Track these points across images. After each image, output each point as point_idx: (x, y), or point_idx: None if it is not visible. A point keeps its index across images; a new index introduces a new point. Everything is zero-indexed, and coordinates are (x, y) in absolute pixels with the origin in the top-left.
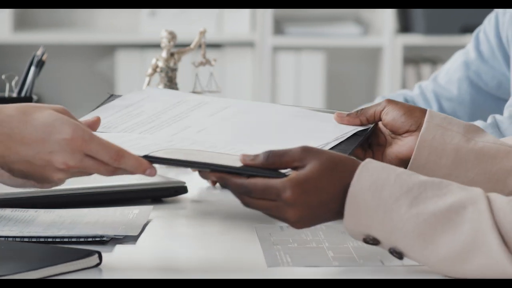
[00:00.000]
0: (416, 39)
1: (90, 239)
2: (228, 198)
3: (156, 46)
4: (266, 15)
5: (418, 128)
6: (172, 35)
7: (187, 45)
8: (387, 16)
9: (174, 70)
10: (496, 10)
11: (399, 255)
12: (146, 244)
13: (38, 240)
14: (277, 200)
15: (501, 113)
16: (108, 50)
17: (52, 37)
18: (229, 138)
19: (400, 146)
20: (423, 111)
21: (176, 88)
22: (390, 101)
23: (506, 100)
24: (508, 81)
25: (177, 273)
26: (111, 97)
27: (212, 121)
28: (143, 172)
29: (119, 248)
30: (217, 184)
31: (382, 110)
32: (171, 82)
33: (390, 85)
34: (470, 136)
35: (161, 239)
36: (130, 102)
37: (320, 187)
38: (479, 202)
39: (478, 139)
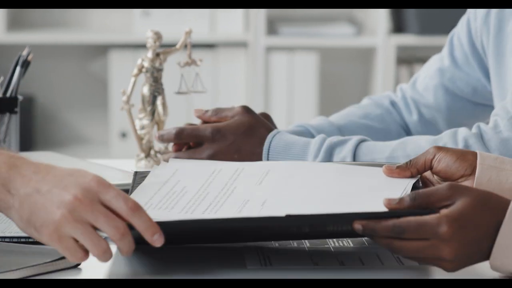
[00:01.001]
0: (409, 40)
1: None
2: None
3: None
4: (259, 15)
5: (473, 172)
6: (158, 35)
7: None
8: (380, 17)
9: (159, 70)
10: (468, 13)
11: None
12: None
13: (19, 241)
14: (432, 238)
15: (478, 117)
16: (101, 50)
17: (45, 37)
18: (300, 208)
19: None
20: (475, 154)
21: (162, 89)
22: (440, 148)
23: (482, 105)
24: (483, 87)
25: (157, 274)
26: (137, 174)
27: (266, 191)
28: (151, 235)
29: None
30: None
31: (433, 158)
32: (156, 83)
33: (383, 86)
34: None
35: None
36: (164, 178)
37: (476, 223)
38: None
39: None
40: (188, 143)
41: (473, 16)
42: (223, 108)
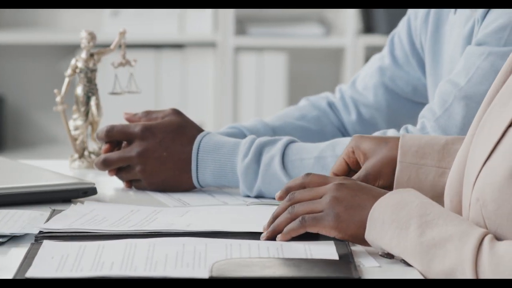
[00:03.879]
0: (378, 40)
1: None
2: (140, 199)
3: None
4: (228, 15)
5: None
6: (92, 36)
7: (148, 45)
8: (349, 17)
9: (93, 71)
10: (408, 13)
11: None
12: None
13: None
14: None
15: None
16: (71, 50)
17: (15, 37)
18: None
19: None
20: (396, 143)
21: (96, 89)
22: (358, 142)
23: (422, 104)
24: (423, 86)
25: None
26: (54, 212)
27: (188, 220)
28: None
29: (15, 249)
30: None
31: (351, 158)
32: (90, 83)
33: None
34: (444, 165)
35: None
36: (83, 212)
37: (363, 187)
38: (470, 240)
39: (450, 164)
40: (119, 145)
41: (414, 15)
42: (153, 111)
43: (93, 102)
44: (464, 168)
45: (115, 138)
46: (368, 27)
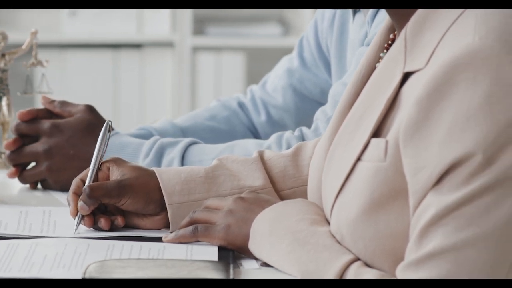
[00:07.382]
0: None
1: None
2: (43, 200)
3: (77, 46)
4: (186, 15)
5: (163, 209)
6: (3, 36)
7: (106, 45)
8: (308, 17)
9: (5, 71)
10: (316, 16)
11: None
12: None
13: None
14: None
15: None
16: (29, 49)
17: None
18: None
19: (154, 222)
20: (160, 188)
21: (7, 89)
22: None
23: None
24: (330, 88)
25: None
26: None
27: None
28: None
29: None
30: (39, 186)
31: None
32: (1, 83)
33: None
34: (213, 194)
35: None
36: None
37: (260, 201)
38: (335, 265)
39: (220, 189)
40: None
41: (321, 17)
42: (69, 103)
43: (4, 103)
44: (320, 183)
45: (23, 132)
46: None
